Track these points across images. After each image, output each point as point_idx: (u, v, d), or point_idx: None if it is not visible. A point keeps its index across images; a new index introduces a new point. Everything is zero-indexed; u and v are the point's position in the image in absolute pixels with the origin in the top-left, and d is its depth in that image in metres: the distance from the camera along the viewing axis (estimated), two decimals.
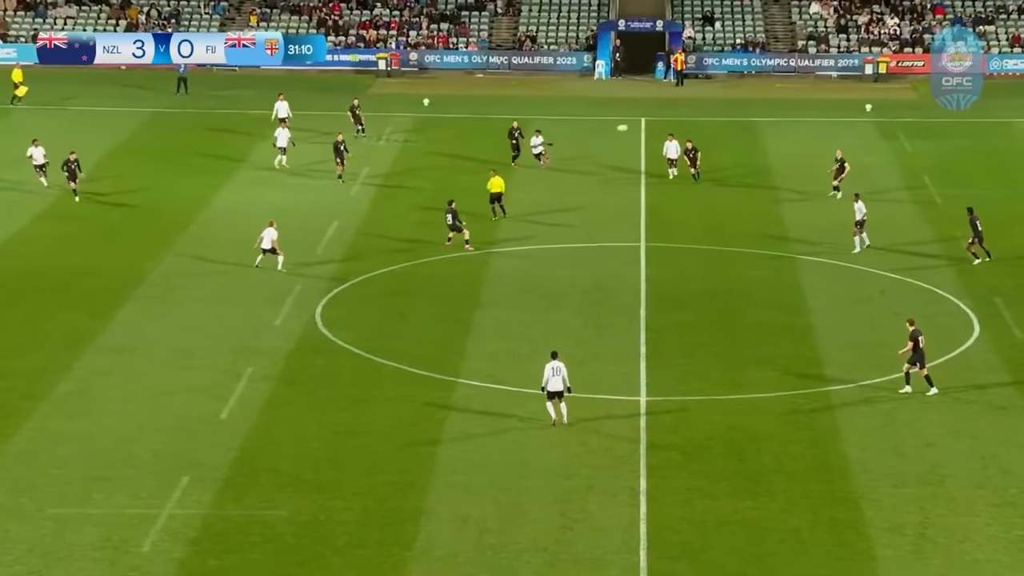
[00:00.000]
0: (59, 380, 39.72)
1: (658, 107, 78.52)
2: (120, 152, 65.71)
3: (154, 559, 30.36)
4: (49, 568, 29.98)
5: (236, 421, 37.34)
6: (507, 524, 32.03)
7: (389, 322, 44.96)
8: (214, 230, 54.64)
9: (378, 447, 35.97)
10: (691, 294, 47.73)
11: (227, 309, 45.72)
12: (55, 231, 53.80)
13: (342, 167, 59.25)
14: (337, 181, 59.22)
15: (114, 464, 34.70)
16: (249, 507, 32.69)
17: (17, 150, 61.88)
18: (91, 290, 47.29)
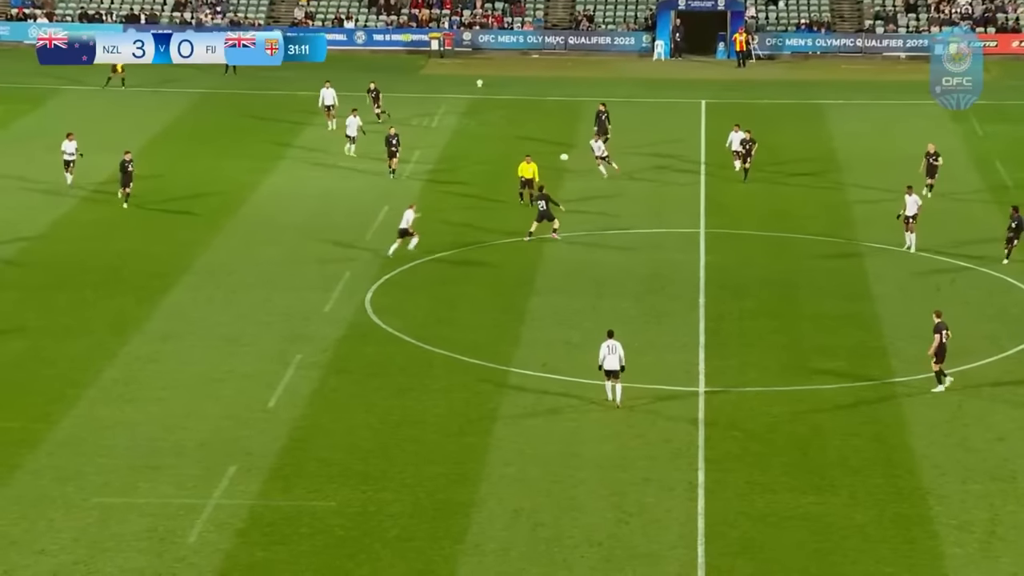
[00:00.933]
0: (105, 367, 40.03)
1: (719, 89, 78.24)
2: (169, 134, 66.07)
3: (200, 550, 30.57)
4: (95, 558, 30.24)
5: (284, 409, 37.53)
6: (561, 517, 32.05)
7: (440, 309, 45.05)
8: (264, 214, 54.90)
9: (429, 437, 36.08)
10: (752, 282, 47.57)
11: (276, 295, 45.94)
12: (100, 215, 54.19)
13: (394, 161, 59.01)
14: (388, 174, 59.19)
15: (160, 453, 34.96)
16: (297, 498, 32.86)
17: (62, 134, 62.39)
18: (138, 275, 47.62)
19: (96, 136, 62.96)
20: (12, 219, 52.82)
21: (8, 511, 31.91)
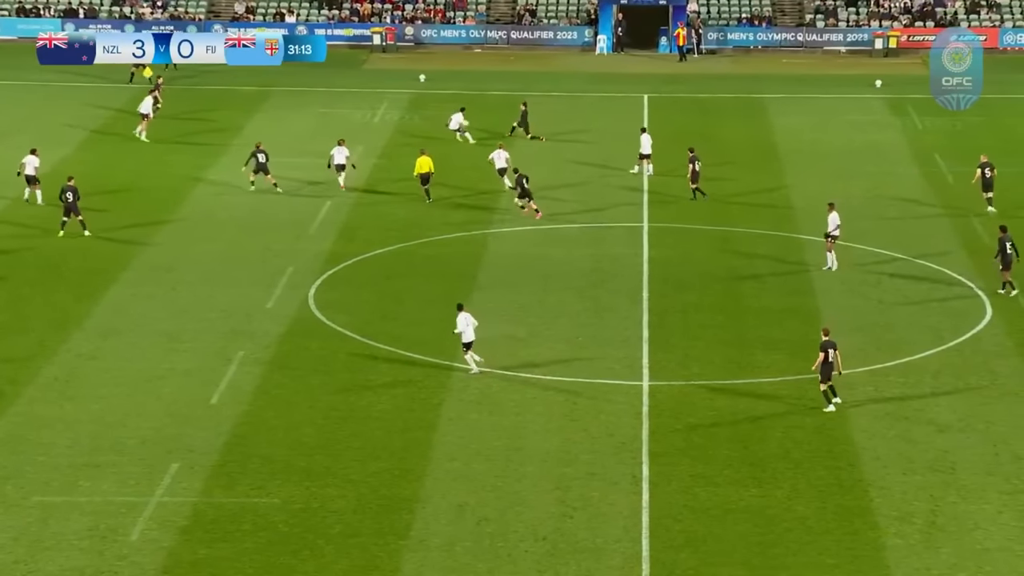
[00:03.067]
0: (44, 364, 39.78)
1: (662, 83, 78.47)
2: (108, 130, 65.64)
3: (143, 548, 30.44)
4: (35, 557, 30.05)
5: (227, 406, 37.41)
6: (506, 512, 32.10)
7: (384, 305, 45.01)
8: (204, 210, 54.64)
9: (373, 433, 36.05)
10: (695, 276, 47.77)
11: (217, 292, 45.76)
12: (38, 211, 53.73)
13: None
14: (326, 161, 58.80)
15: (101, 450, 34.78)
16: (240, 495, 32.77)
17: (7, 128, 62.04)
18: (77, 272, 47.30)
19: (33, 133, 62.63)
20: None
21: None
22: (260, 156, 56.07)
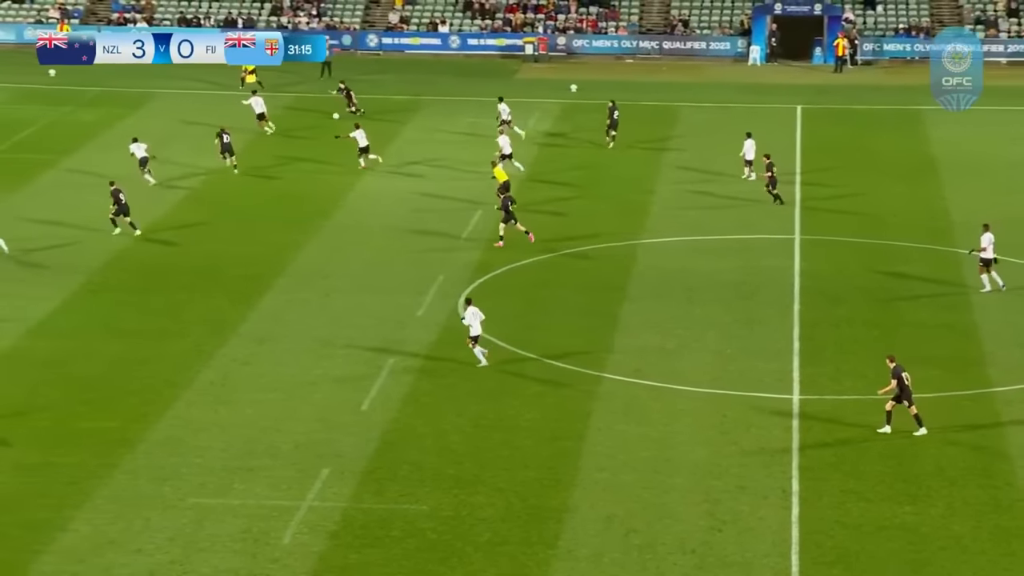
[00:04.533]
0: (201, 368, 40.49)
1: (816, 94, 77.74)
2: (261, 137, 66.64)
3: (294, 552, 30.86)
4: (190, 558, 30.61)
5: (377, 413, 37.79)
6: (653, 524, 32.03)
7: (533, 314, 45.14)
8: (357, 217, 55.26)
9: (521, 442, 36.17)
10: (848, 289, 47.25)
11: (369, 299, 46.23)
12: (198, 217, 54.76)
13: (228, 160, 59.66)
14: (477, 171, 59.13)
15: (255, 454, 35.32)
16: (390, 501, 33.08)
17: (158, 136, 63.29)
18: (234, 277, 48.08)
19: (192, 137, 63.86)
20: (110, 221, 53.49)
21: (106, 510, 32.39)
22: (224, 137, 59.60)
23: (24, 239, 51.02)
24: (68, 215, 54.07)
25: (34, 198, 56.18)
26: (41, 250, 50.10)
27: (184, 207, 55.93)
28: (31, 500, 32.80)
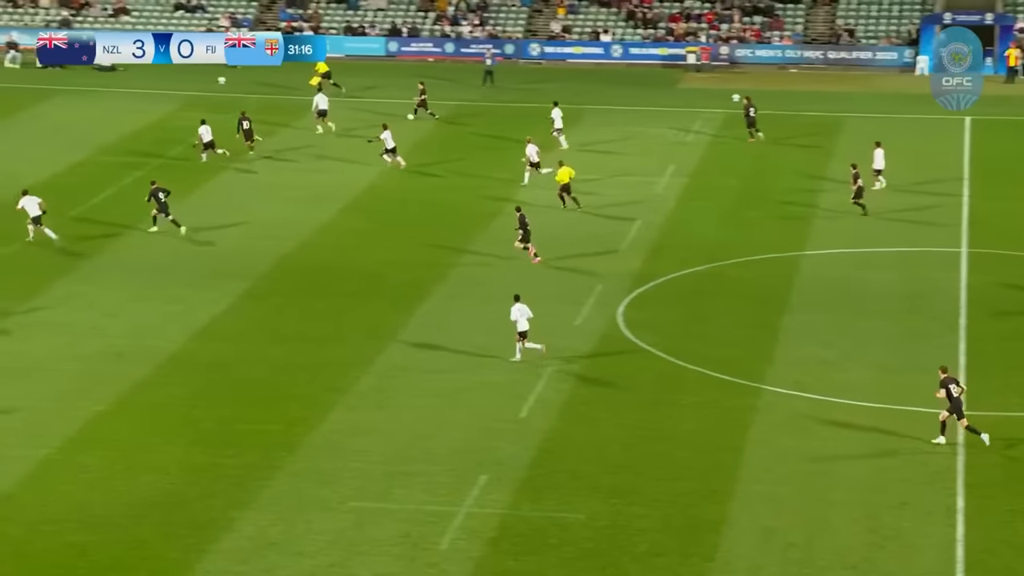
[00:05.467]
0: (361, 374, 40.93)
1: (985, 105, 76.21)
2: (423, 145, 67.21)
3: (452, 557, 31.05)
4: (350, 560, 30.96)
5: (535, 421, 37.88)
6: (813, 538, 31.69)
7: (693, 324, 44.93)
8: (516, 226, 55.31)
9: (679, 453, 36.03)
10: (1016, 303, 46.33)
11: (528, 306, 46.27)
12: (359, 224, 55.39)
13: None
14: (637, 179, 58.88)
15: (413, 460, 35.61)
16: (547, 509, 33.14)
17: (324, 145, 64.05)
18: (395, 284, 48.55)
19: (351, 147, 64.63)
20: (277, 227, 54.33)
21: (269, 511, 32.89)
22: (244, 123, 62.25)
23: (192, 243, 52.03)
24: (235, 221, 54.99)
25: (203, 203, 57.24)
26: (209, 255, 51.01)
27: (347, 214, 56.58)
28: (197, 500, 33.43)
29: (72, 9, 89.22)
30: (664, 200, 58.20)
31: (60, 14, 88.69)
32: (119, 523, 32.26)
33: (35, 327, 43.99)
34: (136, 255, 50.73)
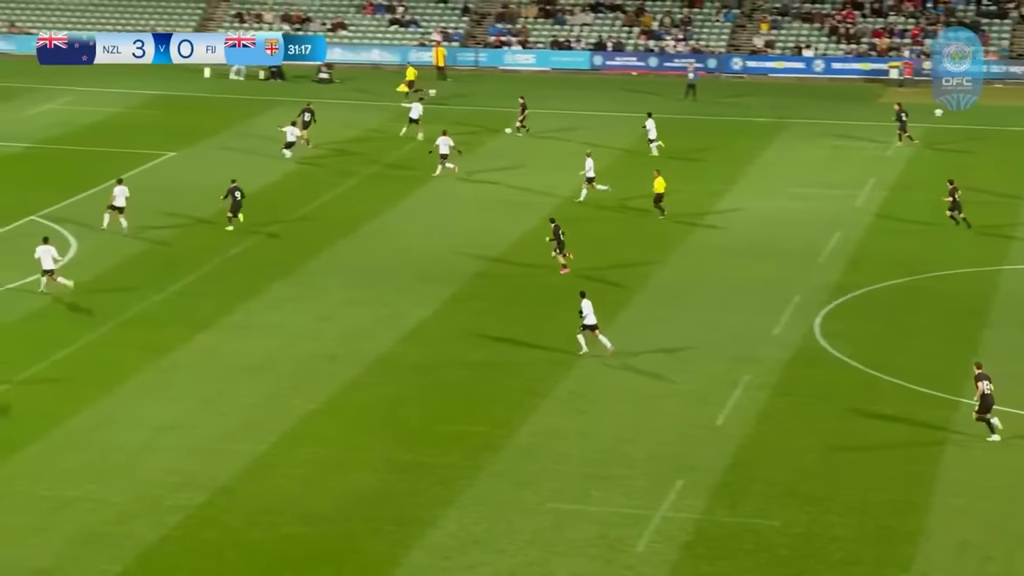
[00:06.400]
0: (561, 378, 41.06)
1: None
2: (626, 156, 67.20)
3: (648, 560, 30.98)
4: (548, 560, 31.08)
5: (731, 428, 37.63)
6: (1012, 552, 30.95)
7: (890, 337, 44.18)
8: (716, 236, 55.12)
9: (875, 463, 35.46)
10: None
11: (726, 316, 46.06)
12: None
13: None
14: (837, 192, 58.04)
15: (611, 463, 35.61)
16: (742, 515, 32.88)
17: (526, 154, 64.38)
18: (594, 291, 48.43)
19: (551, 155, 64.94)
20: (482, 234, 54.80)
21: (472, 511, 33.18)
22: (306, 115, 64.83)
23: (402, 250, 52.72)
24: (443, 228, 55.60)
25: (413, 210, 57.96)
26: (417, 261, 51.62)
27: (545, 225, 56.73)
28: (403, 497, 33.87)
29: (294, 24, 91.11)
30: (864, 213, 57.34)
31: (282, 28, 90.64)
32: (330, 517, 32.85)
33: (254, 328, 45.01)
34: (349, 260, 51.58)
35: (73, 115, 72.93)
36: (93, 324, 44.61)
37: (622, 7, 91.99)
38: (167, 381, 40.63)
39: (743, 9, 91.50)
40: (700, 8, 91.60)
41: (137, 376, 40.71)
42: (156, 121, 72.25)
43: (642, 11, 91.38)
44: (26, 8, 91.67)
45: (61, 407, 38.41)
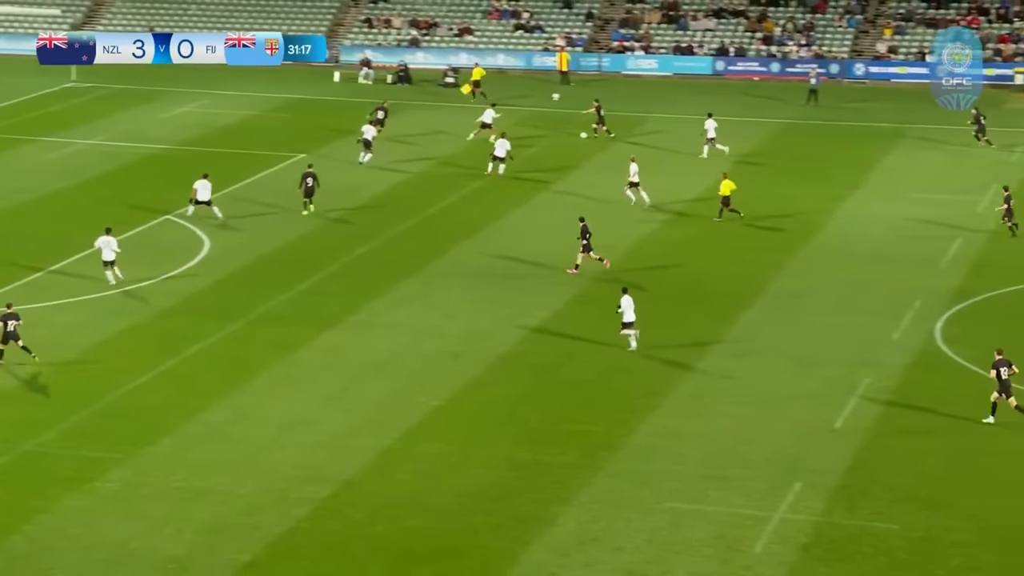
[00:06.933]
0: (681, 379, 40.89)
1: None
2: (749, 161, 66.73)
3: (765, 561, 30.75)
4: (666, 559, 30.97)
5: (850, 432, 37.24)
6: None
7: (1013, 342, 43.30)
8: (837, 240, 54.61)
9: (997, 469, 34.90)
10: None
11: (845, 320, 45.60)
12: (683, 235, 55.33)
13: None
14: (959, 198, 57.35)
15: (729, 464, 35.41)
16: (861, 518, 32.52)
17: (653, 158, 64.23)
18: (715, 295, 48.35)
19: (671, 161, 64.78)
20: (604, 236, 54.70)
21: (590, 509, 33.16)
22: (379, 113, 64.74)
23: (521, 253, 52.77)
24: (567, 230, 55.63)
25: (530, 215, 58.00)
26: (540, 262, 51.53)
27: (669, 225, 56.56)
28: (522, 494, 33.93)
29: (422, 30, 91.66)
30: (986, 218, 56.45)
31: (410, 34, 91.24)
32: (452, 512, 33.01)
33: (379, 326, 45.36)
34: (472, 261, 51.74)
35: (209, 117, 74.00)
36: (223, 322, 45.22)
37: (745, 13, 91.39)
38: (294, 378, 41.08)
39: (866, 15, 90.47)
40: (823, 14, 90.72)
41: (265, 373, 41.21)
42: (287, 124, 73.07)
43: (765, 17, 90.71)
44: (165, 11, 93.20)
45: (193, 402, 38.99)
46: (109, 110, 74.21)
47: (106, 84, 78.37)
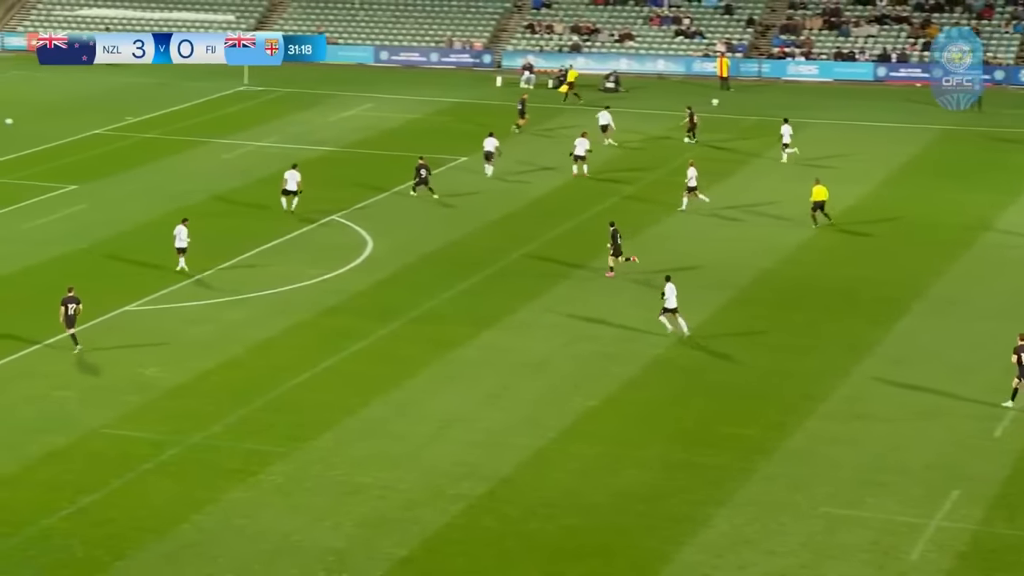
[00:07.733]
0: (837, 384, 40.19)
1: None
2: (909, 167, 65.49)
3: (922, 568, 30.04)
4: (820, 564, 30.40)
5: (1010, 440, 36.27)
6: None
7: None
8: (999, 246, 53.30)
9: None
10: None
11: (1006, 327, 44.31)
12: (839, 242, 54.41)
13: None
14: None
15: (886, 470, 34.68)
16: (1020, 527, 31.65)
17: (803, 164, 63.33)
18: (872, 300, 47.47)
19: (838, 168, 63.78)
20: (761, 241, 54.10)
21: (744, 511, 32.70)
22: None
23: (675, 257, 52.35)
24: (725, 235, 55.11)
25: (685, 220, 57.45)
26: (697, 266, 51.12)
27: (825, 232, 55.65)
28: (675, 495, 33.59)
29: (583, 35, 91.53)
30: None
31: (571, 39, 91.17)
32: (605, 511, 32.79)
33: (536, 326, 45.29)
34: (625, 264, 51.39)
35: (374, 120, 74.67)
36: (386, 320, 45.51)
37: (908, 19, 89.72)
38: (453, 376, 41.17)
39: None
40: (989, 20, 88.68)
41: (425, 370, 41.37)
42: (450, 127, 73.44)
43: (928, 23, 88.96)
44: (332, 20, 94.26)
45: (354, 398, 39.28)
46: (280, 112, 75.25)
47: (277, 88, 79.44)
